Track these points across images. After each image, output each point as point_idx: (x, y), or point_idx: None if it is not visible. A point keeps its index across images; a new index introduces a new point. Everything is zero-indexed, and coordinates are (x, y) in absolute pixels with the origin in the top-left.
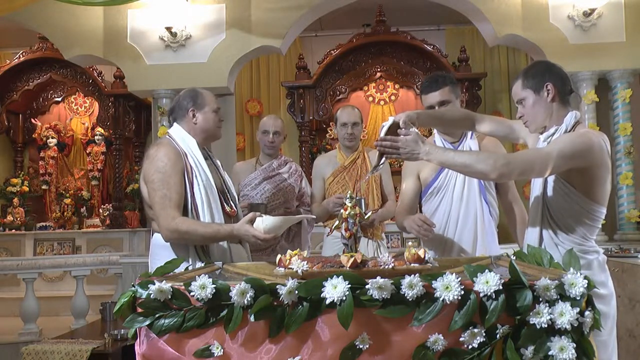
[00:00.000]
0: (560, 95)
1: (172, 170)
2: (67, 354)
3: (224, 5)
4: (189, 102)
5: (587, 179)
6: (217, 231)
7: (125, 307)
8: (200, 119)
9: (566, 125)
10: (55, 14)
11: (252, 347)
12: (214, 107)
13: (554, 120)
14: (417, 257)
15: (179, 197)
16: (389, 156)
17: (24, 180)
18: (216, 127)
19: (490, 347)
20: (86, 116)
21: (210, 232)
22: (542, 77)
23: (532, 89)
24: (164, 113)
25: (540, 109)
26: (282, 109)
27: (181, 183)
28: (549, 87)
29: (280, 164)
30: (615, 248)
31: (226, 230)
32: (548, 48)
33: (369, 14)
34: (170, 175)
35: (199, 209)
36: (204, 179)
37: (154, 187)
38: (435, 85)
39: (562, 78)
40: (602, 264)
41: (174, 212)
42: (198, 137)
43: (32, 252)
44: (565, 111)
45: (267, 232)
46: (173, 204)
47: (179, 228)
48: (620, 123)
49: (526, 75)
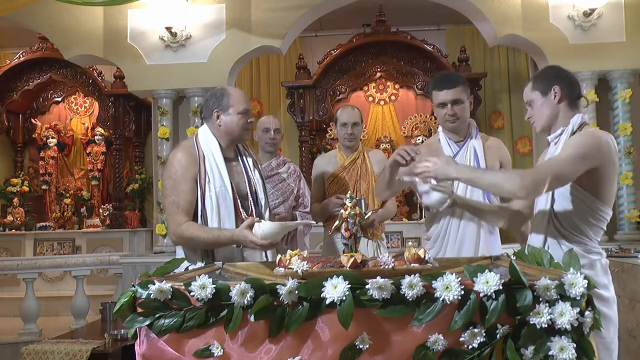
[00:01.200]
0: (567, 98)
1: (183, 177)
2: (67, 354)
3: (224, 5)
4: (214, 103)
5: (596, 177)
6: (218, 237)
7: (125, 307)
8: (224, 121)
9: (572, 126)
10: (55, 14)
11: (252, 347)
12: (239, 108)
13: (561, 122)
14: (417, 257)
15: (187, 203)
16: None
17: (24, 180)
18: (242, 130)
19: (490, 347)
20: (86, 116)
21: (211, 237)
22: (550, 80)
23: (540, 91)
24: (164, 113)
25: (546, 109)
26: (282, 109)
27: (192, 189)
28: (556, 90)
29: (279, 163)
30: (615, 248)
31: (226, 235)
32: (548, 48)
33: (369, 14)
34: (180, 181)
35: (208, 215)
36: (217, 186)
37: (165, 192)
38: (449, 83)
39: (570, 82)
40: (604, 266)
41: (181, 217)
42: (222, 140)
43: (32, 252)
44: (572, 113)
45: (264, 239)
46: (180, 210)
47: (183, 234)
48: (620, 123)
49: (536, 79)
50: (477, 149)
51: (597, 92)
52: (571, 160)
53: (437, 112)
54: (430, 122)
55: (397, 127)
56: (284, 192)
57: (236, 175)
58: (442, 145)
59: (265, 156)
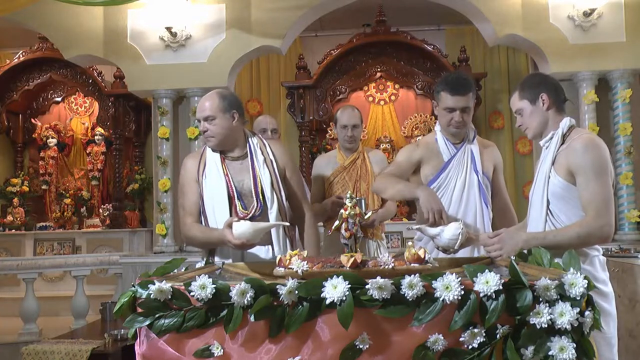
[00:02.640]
0: (555, 104)
1: (187, 180)
2: (67, 354)
3: (224, 5)
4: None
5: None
6: (209, 237)
7: (125, 307)
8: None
9: (562, 129)
10: (55, 14)
11: (252, 347)
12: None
13: (551, 127)
14: (417, 257)
15: (192, 204)
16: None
17: (24, 180)
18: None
19: (490, 347)
20: (86, 116)
21: (205, 237)
22: (537, 88)
23: (528, 100)
24: (164, 113)
25: (536, 117)
26: (282, 109)
27: (194, 191)
28: (543, 98)
29: None
30: (615, 248)
31: (215, 235)
32: (548, 48)
33: (369, 14)
34: (184, 185)
35: (208, 214)
36: (212, 184)
37: (178, 196)
38: (463, 89)
39: (555, 88)
40: (602, 263)
41: (186, 219)
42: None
43: (32, 252)
44: (560, 117)
45: (237, 238)
46: (186, 212)
47: (186, 234)
48: (620, 123)
49: (522, 87)
50: (474, 153)
51: (597, 92)
52: (601, 182)
53: (442, 115)
54: (430, 122)
55: (397, 127)
56: None
57: (240, 172)
58: (439, 146)
59: None
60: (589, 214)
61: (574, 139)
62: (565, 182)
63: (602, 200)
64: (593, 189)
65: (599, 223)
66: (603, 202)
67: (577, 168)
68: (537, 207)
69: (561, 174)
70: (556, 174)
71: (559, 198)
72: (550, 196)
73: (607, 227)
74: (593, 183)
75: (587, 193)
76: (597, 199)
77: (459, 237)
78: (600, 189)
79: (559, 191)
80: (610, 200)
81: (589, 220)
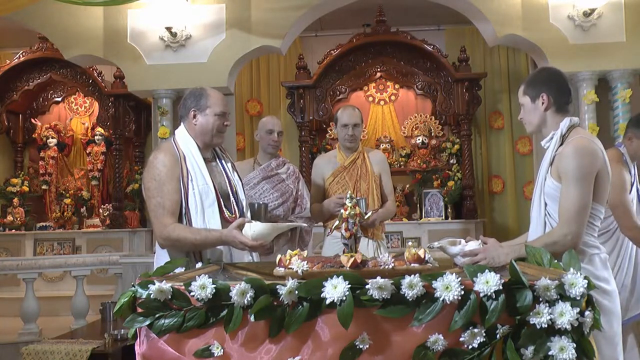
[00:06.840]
0: (554, 105)
1: (167, 178)
2: (67, 354)
3: (224, 5)
4: (192, 102)
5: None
6: (206, 237)
7: (125, 307)
8: (200, 121)
9: (562, 130)
10: (55, 14)
11: (252, 347)
12: (216, 110)
13: (551, 127)
14: (417, 257)
15: (172, 204)
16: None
17: (24, 180)
18: (216, 131)
19: (490, 347)
20: (86, 116)
21: (199, 238)
22: (540, 86)
23: (529, 97)
24: (164, 113)
25: (534, 116)
26: (282, 109)
27: (176, 190)
28: (543, 97)
29: (279, 164)
30: None
31: (214, 236)
32: (548, 48)
33: (369, 14)
34: (164, 182)
35: (192, 214)
36: (200, 184)
37: (149, 194)
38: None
39: (559, 88)
40: (604, 261)
41: (166, 219)
42: (198, 140)
43: (32, 252)
44: (561, 118)
45: (254, 239)
46: (166, 212)
47: (170, 235)
48: (620, 123)
49: (528, 82)
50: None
51: (597, 92)
52: (579, 190)
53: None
54: (430, 122)
55: (397, 127)
56: (284, 193)
57: (217, 175)
58: None
59: (266, 157)
60: (559, 222)
61: (569, 142)
62: (558, 184)
63: (574, 209)
64: (569, 196)
65: (563, 231)
66: (575, 211)
67: (562, 172)
68: (536, 208)
69: (554, 175)
70: (551, 175)
71: (553, 200)
72: (545, 197)
73: (571, 236)
74: (571, 190)
75: (563, 199)
76: (569, 207)
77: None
78: (576, 197)
79: (552, 193)
80: (584, 210)
81: (556, 229)
